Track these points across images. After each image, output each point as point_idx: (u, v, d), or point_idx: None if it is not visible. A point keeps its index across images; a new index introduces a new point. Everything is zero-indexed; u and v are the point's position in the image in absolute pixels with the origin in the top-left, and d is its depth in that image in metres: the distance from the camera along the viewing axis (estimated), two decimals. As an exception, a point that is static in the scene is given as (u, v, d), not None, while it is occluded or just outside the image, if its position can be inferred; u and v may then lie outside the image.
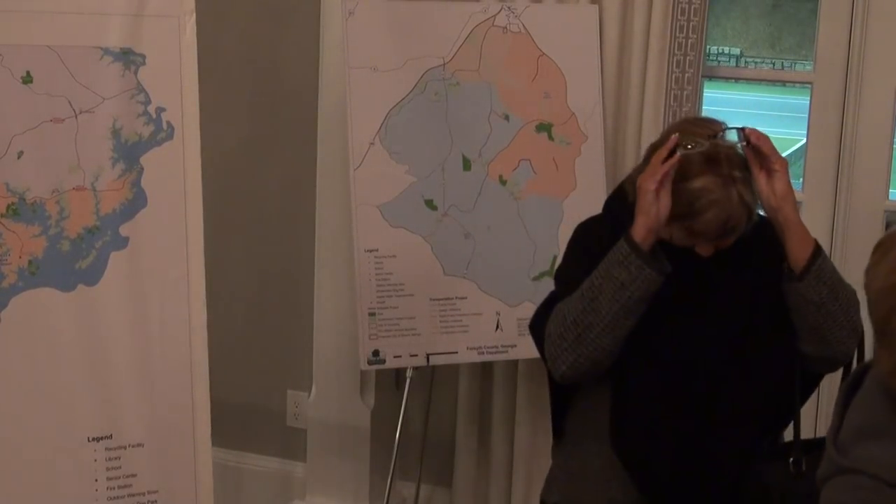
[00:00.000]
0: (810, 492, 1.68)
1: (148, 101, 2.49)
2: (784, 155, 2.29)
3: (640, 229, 2.21)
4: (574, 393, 2.47)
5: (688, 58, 3.11)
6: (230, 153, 3.61)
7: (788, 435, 2.45)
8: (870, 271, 1.60)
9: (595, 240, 2.40)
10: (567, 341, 2.27)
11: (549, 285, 2.58)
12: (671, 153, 2.20)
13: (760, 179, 2.23)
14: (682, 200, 2.22)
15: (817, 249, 2.27)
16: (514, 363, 3.35)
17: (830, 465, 1.60)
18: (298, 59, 3.56)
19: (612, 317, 2.23)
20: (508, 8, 3.14)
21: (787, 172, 2.23)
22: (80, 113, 2.43)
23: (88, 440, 2.45)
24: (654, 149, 2.31)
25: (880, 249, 1.60)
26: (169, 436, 2.51)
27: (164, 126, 2.51)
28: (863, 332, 2.36)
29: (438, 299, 3.13)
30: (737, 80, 7.57)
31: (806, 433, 2.47)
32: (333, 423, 3.65)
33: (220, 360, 2.75)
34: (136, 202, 2.49)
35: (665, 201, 2.20)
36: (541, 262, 3.13)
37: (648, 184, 2.19)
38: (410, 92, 3.11)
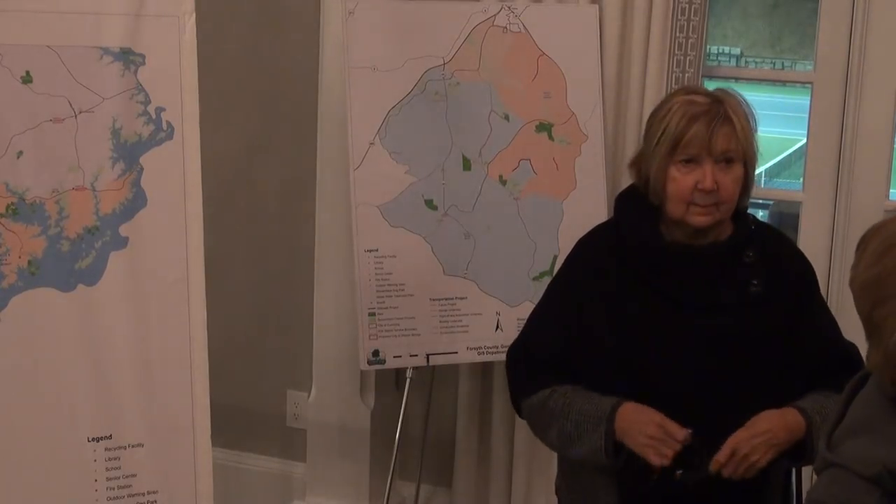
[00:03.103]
0: None
1: (148, 101, 2.49)
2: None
3: (629, 438, 2.26)
4: None
5: (688, 58, 3.11)
6: (230, 153, 3.61)
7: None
8: (853, 268, 1.60)
9: (591, 257, 2.46)
10: (547, 442, 2.47)
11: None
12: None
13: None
14: (667, 129, 2.31)
15: (808, 424, 2.27)
16: (514, 363, 3.35)
17: (820, 460, 1.61)
18: (298, 59, 3.56)
19: (585, 456, 2.35)
20: (508, 8, 3.14)
21: (755, 438, 2.24)
22: (80, 113, 2.43)
23: (88, 440, 2.44)
24: (653, 117, 2.39)
25: (860, 246, 1.61)
26: (169, 436, 2.51)
27: (164, 126, 2.51)
28: None
29: (438, 299, 3.13)
30: (737, 79, 7.53)
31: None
32: (333, 423, 3.64)
33: (220, 360, 2.75)
34: (135, 202, 2.48)
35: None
36: (541, 262, 3.13)
37: (655, 460, 2.23)
38: (410, 92, 3.11)
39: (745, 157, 2.32)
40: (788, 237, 2.58)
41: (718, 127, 2.28)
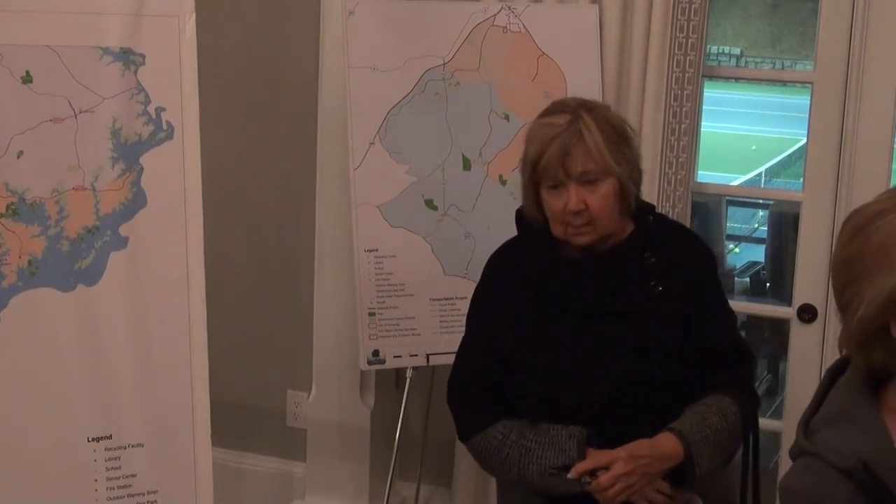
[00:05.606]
0: None
1: (148, 101, 2.49)
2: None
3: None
4: None
5: (688, 57, 3.11)
6: (230, 153, 3.61)
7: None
8: (833, 251, 1.63)
9: (497, 278, 2.46)
10: (502, 479, 2.48)
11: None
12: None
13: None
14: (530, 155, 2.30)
15: (685, 447, 2.26)
16: (514, 363, 3.35)
17: (795, 447, 1.60)
18: (298, 59, 3.56)
19: (540, 486, 2.32)
20: (508, 8, 3.14)
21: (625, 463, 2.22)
22: (80, 113, 2.43)
23: (88, 440, 2.44)
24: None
25: (841, 229, 1.62)
26: (169, 436, 2.51)
27: (164, 126, 2.51)
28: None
29: (438, 299, 3.14)
30: (737, 79, 7.56)
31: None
32: (333, 423, 3.65)
33: (220, 360, 2.75)
34: (135, 202, 2.49)
35: None
36: (541, 262, 3.13)
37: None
38: (410, 92, 3.11)
39: (609, 171, 2.27)
40: (690, 230, 2.55)
41: (571, 149, 2.25)
